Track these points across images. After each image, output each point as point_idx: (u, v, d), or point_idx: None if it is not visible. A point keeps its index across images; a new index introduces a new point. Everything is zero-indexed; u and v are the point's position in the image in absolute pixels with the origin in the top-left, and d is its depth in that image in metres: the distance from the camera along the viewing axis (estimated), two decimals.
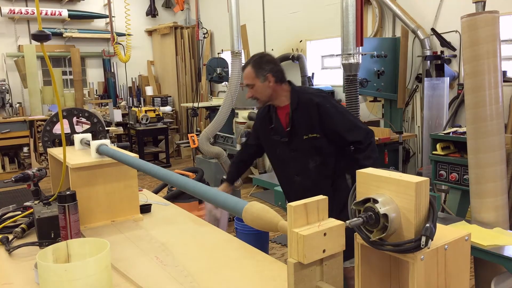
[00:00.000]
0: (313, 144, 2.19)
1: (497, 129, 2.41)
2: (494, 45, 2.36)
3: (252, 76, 2.20)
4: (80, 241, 1.35)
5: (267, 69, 2.18)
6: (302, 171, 2.25)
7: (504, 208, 2.46)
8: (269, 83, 2.19)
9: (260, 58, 2.23)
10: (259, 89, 2.21)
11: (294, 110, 2.20)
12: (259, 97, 2.24)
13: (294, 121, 2.20)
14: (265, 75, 2.18)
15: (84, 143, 2.07)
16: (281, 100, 2.25)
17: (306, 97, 2.21)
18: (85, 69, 8.86)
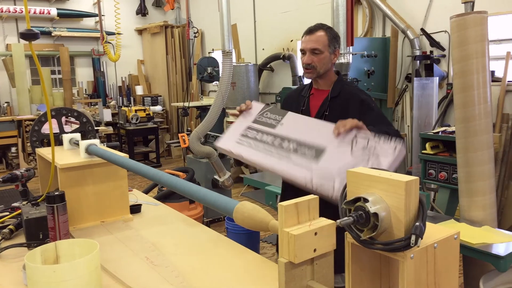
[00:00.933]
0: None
1: (486, 128, 2.44)
2: (482, 45, 2.38)
3: (325, 43, 2.04)
4: (69, 242, 1.34)
5: (338, 42, 2.08)
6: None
7: (492, 207, 2.49)
8: (334, 57, 2.07)
9: (332, 30, 2.09)
10: (325, 60, 2.05)
11: (333, 97, 2.08)
12: (318, 67, 2.06)
13: (330, 109, 2.06)
14: (336, 48, 2.07)
15: (73, 143, 2.05)
16: (323, 83, 2.12)
17: (351, 89, 2.10)
18: (74, 68, 8.78)
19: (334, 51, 2.07)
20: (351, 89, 2.12)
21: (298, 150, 1.71)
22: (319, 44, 2.03)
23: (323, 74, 2.09)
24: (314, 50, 2.04)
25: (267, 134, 1.84)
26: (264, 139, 1.83)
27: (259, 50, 7.17)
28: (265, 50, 7.00)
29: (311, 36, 2.06)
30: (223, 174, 4.32)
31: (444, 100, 4.62)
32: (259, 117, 1.91)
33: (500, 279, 2.14)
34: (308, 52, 2.05)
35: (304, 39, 2.09)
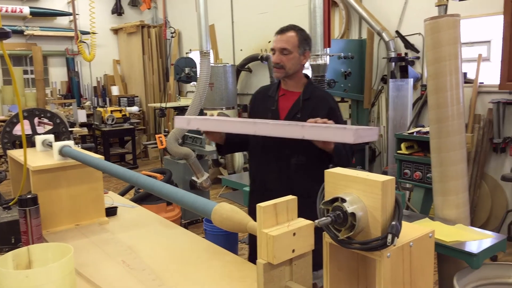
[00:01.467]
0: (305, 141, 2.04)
1: (458, 128, 2.50)
2: (455, 48, 2.44)
3: (295, 43, 2.06)
4: (42, 246, 1.30)
5: (309, 45, 2.11)
6: (282, 165, 2.09)
7: (465, 205, 2.55)
8: (303, 59, 2.10)
9: (304, 31, 2.12)
10: (293, 60, 2.07)
11: (305, 99, 2.09)
12: (287, 67, 2.08)
13: (300, 111, 2.07)
14: (305, 50, 2.09)
15: (46, 145, 2.00)
16: (293, 85, 2.14)
17: (321, 94, 2.14)
18: (48, 68, 8.58)
19: (304, 52, 2.10)
20: (322, 94, 2.17)
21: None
22: (288, 44, 2.06)
23: (292, 75, 2.11)
24: (283, 49, 2.06)
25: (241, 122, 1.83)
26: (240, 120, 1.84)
27: (237, 50, 7.16)
28: (243, 51, 6.99)
29: (281, 36, 2.09)
30: (201, 175, 4.30)
31: (418, 101, 4.72)
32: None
33: (474, 276, 2.19)
34: (277, 51, 2.09)
35: (275, 38, 2.12)
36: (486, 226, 4.20)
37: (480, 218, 4.29)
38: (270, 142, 2.04)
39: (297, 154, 2.06)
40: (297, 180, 2.07)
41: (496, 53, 4.17)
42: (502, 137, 4.07)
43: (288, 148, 2.04)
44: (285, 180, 2.08)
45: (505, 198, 4.17)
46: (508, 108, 4.05)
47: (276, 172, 2.11)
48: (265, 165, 2.15)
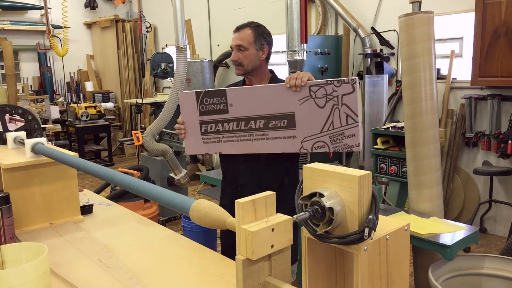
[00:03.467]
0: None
1: (432, 123, 2.55)
2: (429, 44, 2.49)
3: (250, 40, 2.08)
4: (15, 246, 1.27)
5: (266, 40, 2.11)
6: (251, 159, 2.08)
7: (439, 198, 2.61)
8: (262, 54, 2.10)
9: (260, 27, 2.12)
10: (250, 56, 2.08)
11: None
12: (245, 64, 2.10)
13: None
14: (263, 45, 2.10)
15: (17, 142, 1.95)
16: (257, 79, 2.15)
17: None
18: (19, 63, 8.34)
19: (262, 48, 2.11)
20: None
21: (269, 124, 1.75)
22: (243, 41, 2.08)
23: (253, 71, 2.13)
24: (239, 46, 2.09)
25: (227, 122, 1.84)
26: (228, 128, 1.84)
27: (214, 46, 7.12)
28: (220, 46, 6.96)
29: (238, 34, 2.11)
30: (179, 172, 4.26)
31: (393, 96, 4.80)
32: (202, 107, 1.89)
33: (448, 267, 2.25)
34: (234, 49, 2.11)
35: (233, 36, 2.14)
36: (459, 218, 4.32)
37: (453, 211, 4.40)
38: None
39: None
40: (266, 173, 2.08)
41: (468, 50, 4.28)
42: (474, 131, 4.18)
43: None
44: (255, 174, 2.09)
45: (477, 191, 4.29)
46: (479, 104, 4.16)
47: (245, 167, 2.11)
48: (236, 161, 2.14)
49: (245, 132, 1.82)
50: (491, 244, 4.01)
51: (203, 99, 1.88)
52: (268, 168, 2.08)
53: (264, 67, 2.17)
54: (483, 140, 4.12)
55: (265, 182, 2.05)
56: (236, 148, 1.86)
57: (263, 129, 1.78)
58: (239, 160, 2.11)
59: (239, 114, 1.82)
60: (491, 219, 4.23)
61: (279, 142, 1.75)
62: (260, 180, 2.06)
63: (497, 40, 3.76)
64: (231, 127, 1.84)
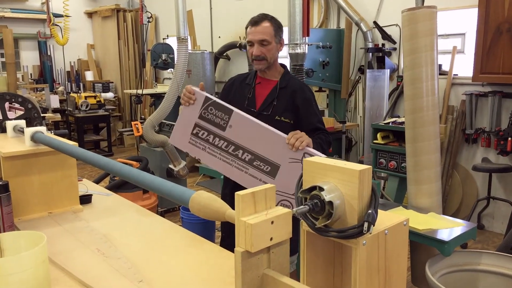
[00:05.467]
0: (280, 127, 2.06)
1: (433, 119, 2.55)
2: (431, 39, 2.48)
3: (271, 34, 2.07)
4: (14, 235, 1.27)
5: (282, 32, 2.13)
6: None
7: (438, 194, 2.62)
8: (280, 47, 2.12)
9: (276, 20, 2.12)
10: (273, 50, 2.09)
11: (282, 88, 2.13)
12: (268, 58, 2.10)
13: (276, 98, 2.12)
14: (281, 38, 2.11)
15: (17, 130, 1.94)
16: (271, 73, 2.17)
17: (298, 84, 2.18)
18: (19, 51, 8.30)
19: (280, 40, 2.12)
20: (299, 83, 2.21)
21: (253, 162, 1.80)
22: (266, 35, 2.06)
23: (272, 63, 2.14)
24: (262, 41, 2.07)
25: (219, 138, 1.87)
26: (217, 143, 1.87)
27: (215, 37, 7.08)
28: (221, 38, 6.92)
29: (257, 28, 2.08)
30: (178, 163, 4.26)
31: (394, 91, 4.79)
32: (204, 112, 1.92)
33: (445, 263, 2.26)
34: (256, 43, 2.08)
35: (250, 30, 2.11)
36: (457, 214, 4.33)
37: (451, 207, 4.42)
38: None
39: None
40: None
41: (470, 46, 4.26)
42: (474, 128, 4.18)
43: None
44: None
45: (475, 188, 4.30)
46: (480, 100, 4.15)
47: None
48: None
49: (230, 156, 1.87)
50: (488, 240, 4.02)
51: (209, 106, 1.90)
52: None
53: (277, 61, 2.18)
54: (483, 136, 4.12)
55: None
56: (216, 164, 1.91)
57: (247, 163, 1.84)
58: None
59: (234, 138, 1.86)
60: (489, 216, 4.24)
61: (254, 182, 1.81)
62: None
63: (500, 36, 3.74)
64: (220, 145, 1.88)
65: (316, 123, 2.12)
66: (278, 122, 2.11)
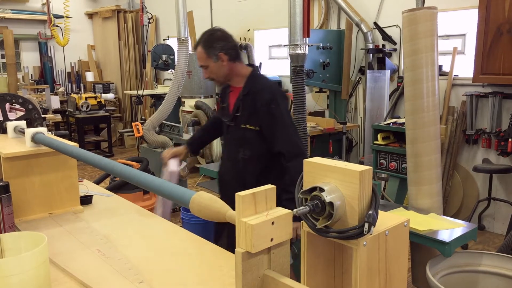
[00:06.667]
0: (248, 136, 2.09)
1: (433, 120, 2.55)
2: (432, 40, 2.48)
3: (204, 57, 2.09)
4: (14, 235, 1.27)
5: (218, 47, 2.07)
6: (232, 158, 2.22)
7: (439, 195, 2.62)
8: (222, 62, 2.08)
9: (210, 36, 2.11)
10: (214, 70, 2.10)
11: (244, 95, 2.10)
12: (215, 78, 2.14)
13: (240, 107, 2.11)
14: (217, 55, 2.07)
15: (18, 131, 1.94)
16: (237, 81, 2.15)
17: (259, 87, 2.10)
18: (19, 52, 8.31)
19: (218, 57, 2.09)
20: (260, 86, 2.12)
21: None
22: (201, 61, 2.12)
23: (227, 76, 2.16)
24: (201, 66, 2.15)
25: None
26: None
27: None
28: None
29: (196, 53, 2.16)
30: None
31: (395, 92, 4.79)
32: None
33: (445, 264, 2.25)
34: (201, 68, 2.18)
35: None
36: (458, 215, 4.33)
37: (452, 208, 4.41)
38: (227, 139, 2.26)
39: (243, 149, 2.15)
40: (245, 173, 2.17)
41: (471, 47, 4.26)
42: (474, 129, 4.18)
43: (236, 144, 2.18)
44: (236, 173, 2.22)
45: (476, 188, 4.29)
46: (480, 101, 4.15)
47: (229, 166, 2.27)
48: (224, 159, 2.36)
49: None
50: (489, 241, 4.02)
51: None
52: (246, 168, 2.17)
53: (236, 68, 2.15)
54: (484, 137, 4.12)
55: (247, 181, 2.12)
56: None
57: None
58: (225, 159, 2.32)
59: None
60: (490, 217, 4.24)
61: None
62: (242, 179, 2.17)
63: (500, 37, 3.74)
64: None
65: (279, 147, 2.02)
66: (245, 131, 2.09)
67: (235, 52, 2.12)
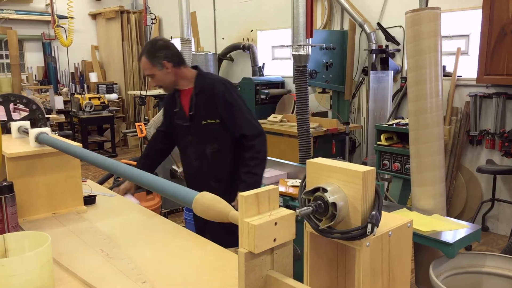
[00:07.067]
0: (211, 129, 2.22)
1: (437, 120, 2.54)
2: (435, 40, 2.47)
3: (149, 67, 2.18)
4: (18, 235, 1.27)
5: (161, 56, 2.17)
6: (200, 156, 2.29)
7: (442, 196, 2.61)
8: (167, 69, 2.18)
9: (152, 46, 2.20)
10: (160, 78, 2.20)
11: (196, 94, 2.23)
12: (163, 85, 2.24)
13: (195, 106, 2.22)
14: (161, 63, 2.17)
15: (22, 131, 1.95)
16: (184, 84, 2.26)
17: (209, 82, 2.23)
18: (23, 53, 8.34)
19: (162, 65, 2.18)
20: (209, 81, 2.25)
21: None
22: (147, 70, 2.21)
23: (175, 82, 2.24)
24: (148, 75, 2.23)
25: None
26: None
27: (219, 39, 7.09)
28: (225, 39, 6.93)
29: (141, 64, 2.24)
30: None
31: (398, 93, 4.78)
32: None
33: (449, 265, 2.25)
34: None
35: None
36: (462, 216, 4.32)
37: (455, 209, 4.40)
38: (188, 138, 2.29)
39: (210, 144, 2.25)
40: (217, 166, 2.28)
41: (474, 47, 4.24)
42: (478, 129, 4.17)
43: (202, 141, 2.26)
44: (207, 169, 2.29)
45: (480, 189, 4.28)
46: (484, 102, 4.13)
47: (197, 164, 2.31)
48: (189, 160, 2.36)
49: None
50: (493, 242, 4.00)
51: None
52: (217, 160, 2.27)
53: (182, 73, 2.25)
54: (487, 138, 4.10)
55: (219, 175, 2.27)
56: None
57: None
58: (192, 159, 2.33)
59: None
60: (494, 218, 4.22)
61: None
62: (214, 174, 2.28)
63: (504, 37, 3.73)
64: None
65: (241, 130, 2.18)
66: (207, 126, 2.22)
67: (178, 58, 2.22)
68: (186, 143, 2.34)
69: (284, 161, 3.25)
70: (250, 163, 2.15)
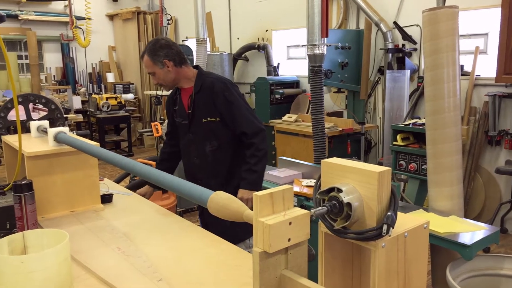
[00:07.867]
0: (211, 127, 2.26)
1: (454, 121, 2.50)
2: (453, 39, 2.44)
3: (151, 65, 2.23)
4: (37, 232, 1.30)
5: (162, 54, 2.21)
6: (200, 154, 2.32)
7: (460, 197, 2.57)
8: (168, 68, 2.23)
9: (154, 45, 2.24)
10: (161, 76, 2.25)
11: (196, 93, 2.26)
12: (164, 83, 2.29)
13: (195, 104, 2.26)
14: (162, 61, 2.22)
15: (41, 131, 1.99)
16: (185, 83, 2.31)
17: (209, 81, 2.26)
18: (42, 53, 8.49)
19: (163, 64, 2.23)
20: (209, 80, 2.28)
21: None
22: (148, 68, 2.26)
23: (175, 81, 2.29)
24: (149, 73, 2.27)
25: None
26: None
27: (234, 39, 7.11)
28: (240, 39, 6.95)
29: (143, 62, 2.29)
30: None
31: (415, 92, 4.72)
32: None
33: (466, 267, 2.21)
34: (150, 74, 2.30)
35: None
36: (480, 218, 4.25)
37: (473, 210, 4.33)
38: (189, 136, 2.32)
39: (209, 142, 2.28)
40: (217, 163, 2.31)
41: (493, 46, 4.17)
42: (497, 130, 4.09)
43: (202, 139, 2.29)
44: (207, 167, 2.33)
45: (498, 191, 4.20)
46: (503, 101, 4.06)
47: (198, 163, 2.35)
48: (190, 158, 2.40)
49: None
50: (511, 245, 3.93)
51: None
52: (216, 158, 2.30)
53: (183, 72, 2.29)
54: (506, 138, 4.03)
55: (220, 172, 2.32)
56: None
57: None
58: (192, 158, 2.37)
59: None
60: None
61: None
62: (215, 171, 2.32)
63: None
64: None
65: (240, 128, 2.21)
66: (207, 124, 2.26)
67: (179, 58, 2.26)
68: (186, 141, 2.38)
69: (298, 161, 3.24)
70: (251, 161, 2.20)
